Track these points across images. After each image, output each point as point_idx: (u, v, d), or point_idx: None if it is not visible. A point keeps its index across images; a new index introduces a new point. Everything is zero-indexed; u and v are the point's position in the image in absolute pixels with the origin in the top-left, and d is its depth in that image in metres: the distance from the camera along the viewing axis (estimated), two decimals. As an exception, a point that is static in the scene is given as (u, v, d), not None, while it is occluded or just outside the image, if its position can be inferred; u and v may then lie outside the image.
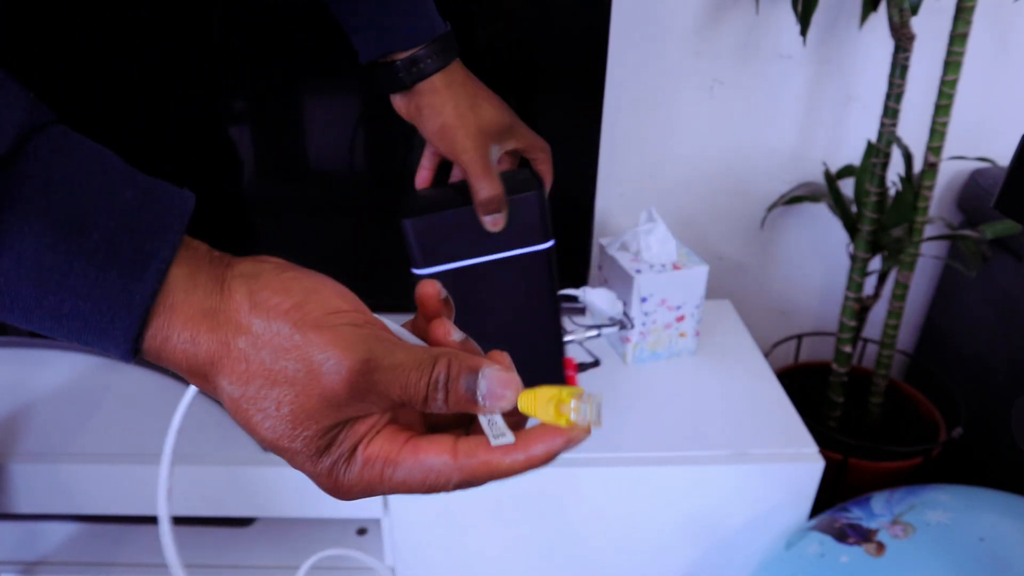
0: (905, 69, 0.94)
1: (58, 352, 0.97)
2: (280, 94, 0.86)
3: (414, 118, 0.63)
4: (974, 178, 1.17)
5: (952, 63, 0.93)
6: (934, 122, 0.97)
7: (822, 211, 1.21)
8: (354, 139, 0.88)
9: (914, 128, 1.05)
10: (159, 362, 0.32)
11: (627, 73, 1.09)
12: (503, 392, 0.32)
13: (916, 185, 1.00)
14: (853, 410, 1.19)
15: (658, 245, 0.93)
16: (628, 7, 1.01)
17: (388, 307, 0.45)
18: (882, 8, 0.97)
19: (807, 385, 1.20)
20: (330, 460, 0.32)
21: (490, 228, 0.63)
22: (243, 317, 0.31)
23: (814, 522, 0.84)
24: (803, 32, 0.96)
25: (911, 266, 1.06)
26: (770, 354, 1.20)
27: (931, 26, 0.98)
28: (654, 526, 0.85)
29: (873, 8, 0.98)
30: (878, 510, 0.82)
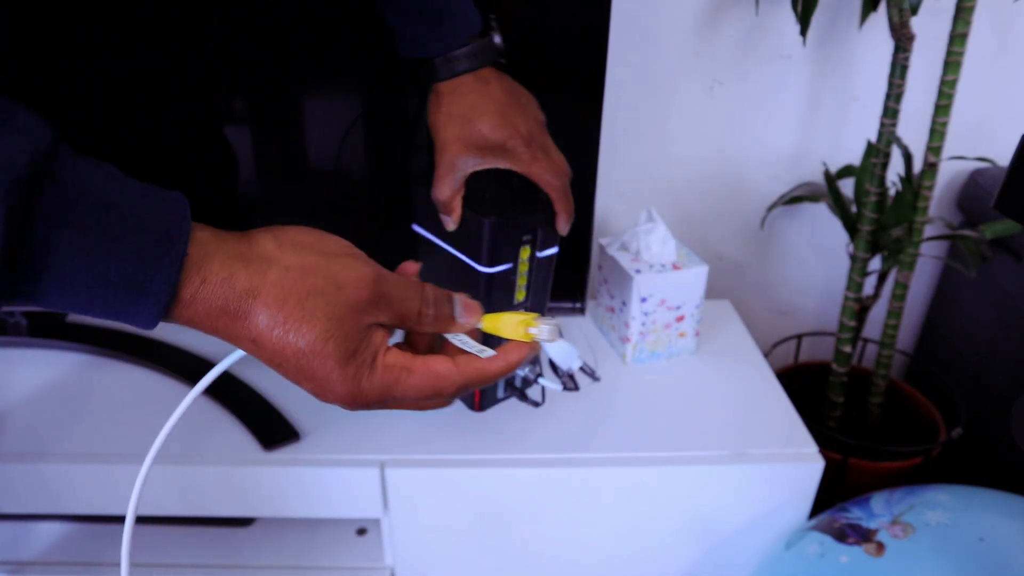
0: (905, 69, 0.94)
1: (42, 352, 0.96)
2: (279, 94, 0.86)
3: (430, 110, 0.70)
4: (974, 178, 1.17)
5: (952, 63, 0.93)
6: (934, 122, 0.97)
7: (822, 211, 1.21)
8: (354, 139, 0.88)
9: (914, 128, 1.05)
10: (195, 306, 0.36)
11: (627, 73, 1.09)
12: (473, 310, 0.43)
13: (916, 185, 1.00)
14: (853, 410, 1.19)
15: (658, 245, 0.93)
16: (628, 7, 1.01)
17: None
18: (882, 8, 0.97)
19: (807, 385, 1.20)
20: (354, 365, 0.38)
21: (447, 226, 0.70)
22: (273, 253, 0.38)
23: (814, 522, 0.84)
24: (803, 32, 0.96)
25: (911, 266, 1.06)
26: (770, 354, 1.20)
27: (931, 26, 0.98)
28: (654, 526, 0.85)
29: (873, 8, 0.98)
30: (878, 510, 0.82)
